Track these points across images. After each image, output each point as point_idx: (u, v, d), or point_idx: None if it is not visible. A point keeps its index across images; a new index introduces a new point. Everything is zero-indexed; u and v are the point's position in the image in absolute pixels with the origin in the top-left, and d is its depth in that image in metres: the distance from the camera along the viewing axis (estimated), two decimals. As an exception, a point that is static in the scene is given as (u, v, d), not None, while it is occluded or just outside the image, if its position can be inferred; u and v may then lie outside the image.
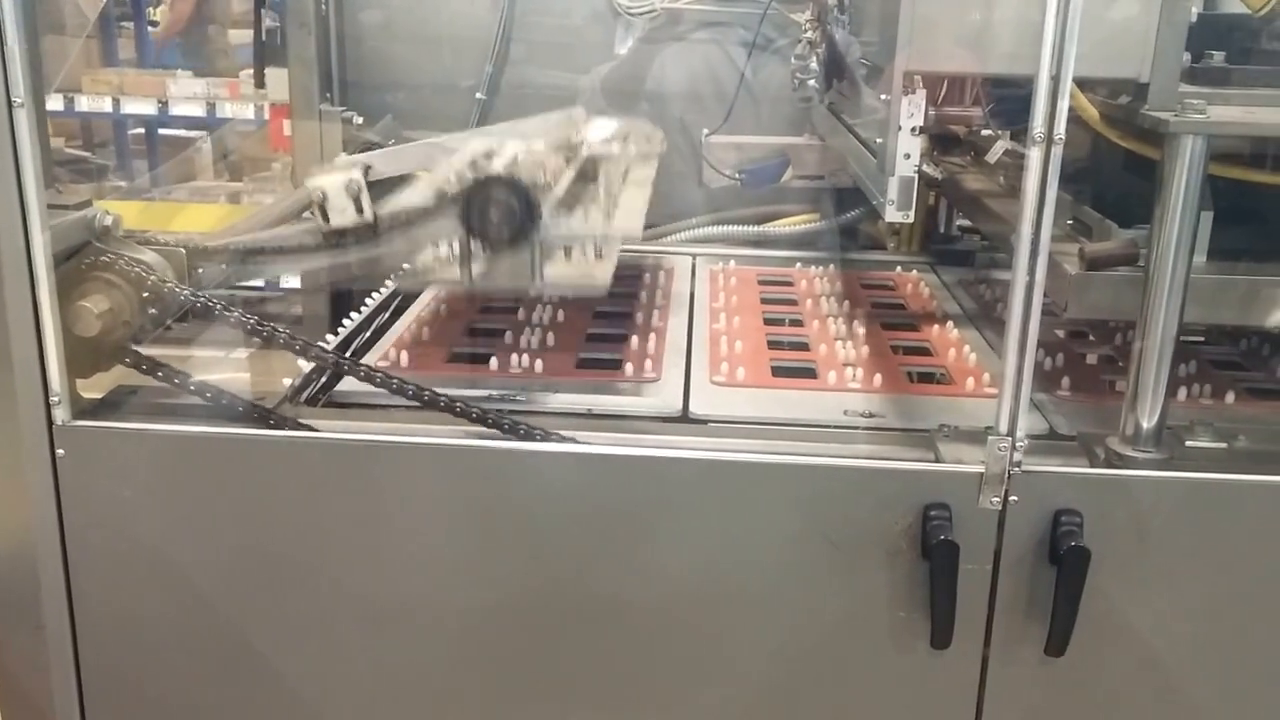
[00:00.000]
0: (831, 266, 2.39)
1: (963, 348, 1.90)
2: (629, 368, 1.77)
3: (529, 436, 1.46)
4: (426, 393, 1.52)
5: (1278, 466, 1.38)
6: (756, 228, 2.54)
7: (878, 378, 1.75)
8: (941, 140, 2.12)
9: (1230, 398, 1.72)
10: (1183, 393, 1.71)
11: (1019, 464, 1.33)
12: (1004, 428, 1.32)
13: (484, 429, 1.48)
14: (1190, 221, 1.32)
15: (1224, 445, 1.43)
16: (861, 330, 1.97)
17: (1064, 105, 1.24)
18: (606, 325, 2.00)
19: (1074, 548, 1.30)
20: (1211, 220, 1.39)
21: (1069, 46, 1.22)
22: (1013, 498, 1.33)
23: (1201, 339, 1.96)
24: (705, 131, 2.47)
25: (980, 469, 1.33)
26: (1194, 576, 1.36)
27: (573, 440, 1.46)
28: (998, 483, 1.33)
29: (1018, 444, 1.32)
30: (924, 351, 1.92)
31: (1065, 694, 1.40)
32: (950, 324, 2.03)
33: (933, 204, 2.47)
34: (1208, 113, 1.31)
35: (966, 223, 2.48)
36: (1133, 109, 1.38)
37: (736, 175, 2.46)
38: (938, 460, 1.41)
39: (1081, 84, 1.37)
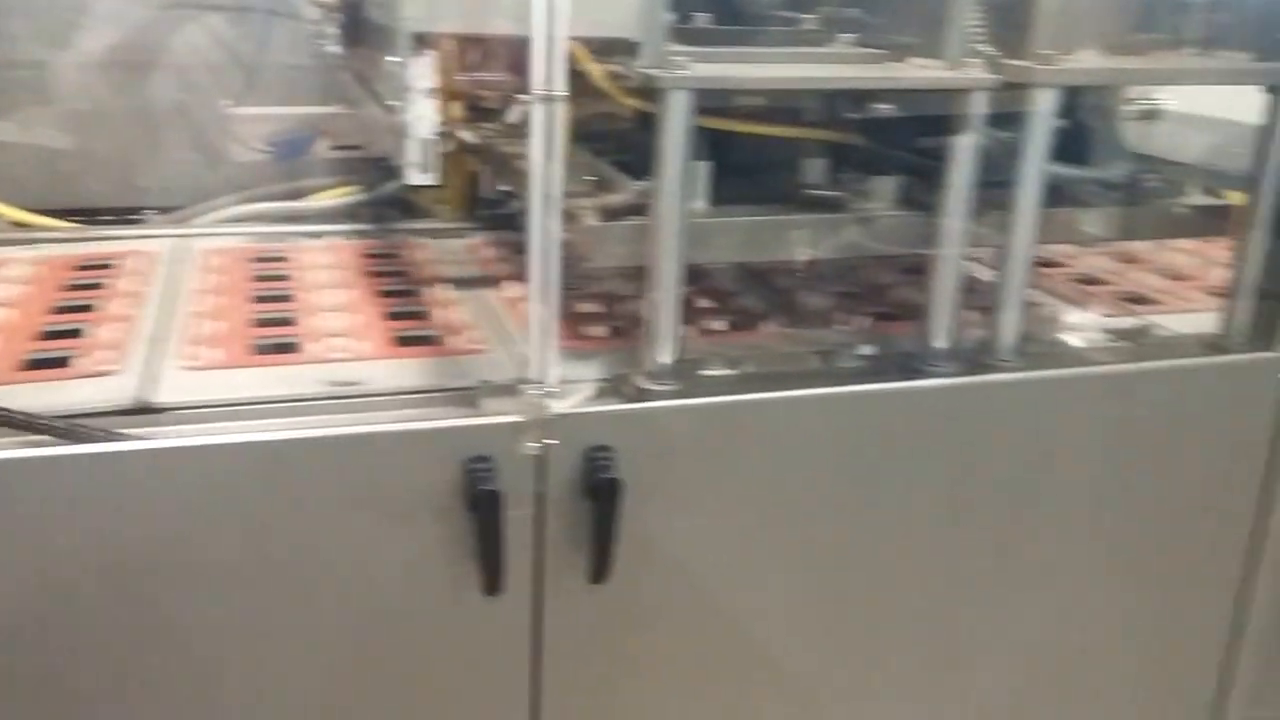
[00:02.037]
0: (377, 239, 2.35)
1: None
2: (85, 363, 1.63)
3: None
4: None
5: (775, 384, 1.55)
6: (290, 203, 2.45)
7: (387, 343, 1.74)
8: (480, 108, 2.15)
9: (733, 327, 1.84)
10: (695, 328, 1.84)
11: (552, 409, 1.39)
12: (536, 376, 1.38)
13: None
14: (684, 169, 1.44)
15: (734, 372, 1.58)
16: (393, 300, 1.95)
17: (560, 63, 1.30)
18: (64, 320, 1.81)
19: (605, 479, 1.38)
20: (713, 170, 1.51)
21: (560, 6, 1.28)
22: (550, 441, 1.39)
23: (710, 277, 2.13)
24: (227, 103, 2.35)
25: (517, 418, 1.38)
26: (717, 491, 1.49)
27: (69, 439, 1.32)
28: (534, 429, 1.38)
29: (550, 390, 1.38)
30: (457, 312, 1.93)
31: (614, 617, 1.49)
32: (501, 284, 2.06)
33: (476, 171, 2.50)
34: (692, 69, 1.42)
35: (510, 187, 2.53)
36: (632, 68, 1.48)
37: (264, 149, 2.36)
38: (477, 415, 1.45)
39: (595, 47, 1.44)
